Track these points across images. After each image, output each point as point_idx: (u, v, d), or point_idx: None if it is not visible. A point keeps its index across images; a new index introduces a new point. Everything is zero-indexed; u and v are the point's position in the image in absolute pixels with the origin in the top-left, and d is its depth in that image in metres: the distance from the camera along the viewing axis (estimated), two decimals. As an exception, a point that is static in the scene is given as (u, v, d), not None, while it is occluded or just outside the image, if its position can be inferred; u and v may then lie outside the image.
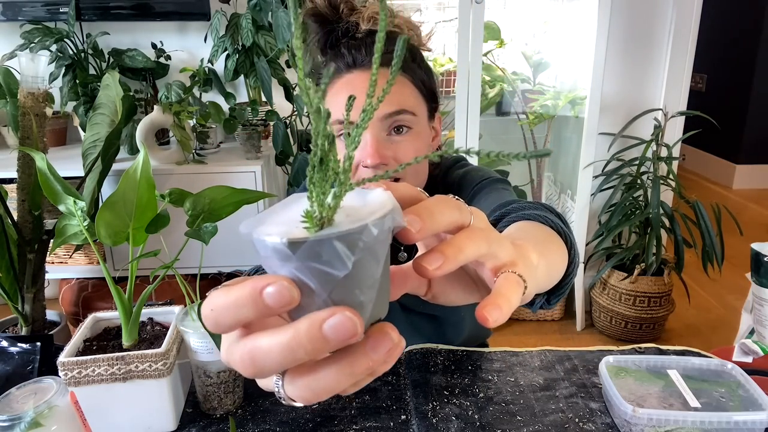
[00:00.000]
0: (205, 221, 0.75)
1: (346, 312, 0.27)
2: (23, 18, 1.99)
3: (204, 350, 0.73)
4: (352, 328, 0.27)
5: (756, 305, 1.05)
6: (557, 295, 0.60)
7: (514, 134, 2.43)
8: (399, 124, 0.77)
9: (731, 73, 3.96)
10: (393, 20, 0.80)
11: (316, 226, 0.29)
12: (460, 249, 0.33)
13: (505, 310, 0.33)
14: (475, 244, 0.34)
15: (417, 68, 0.80)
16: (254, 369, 0.29)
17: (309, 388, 0.30)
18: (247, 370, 0.29)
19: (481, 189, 0.85)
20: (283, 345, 0.28)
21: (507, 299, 0.33)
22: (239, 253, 1.90)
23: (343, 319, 0.27)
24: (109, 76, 1.57)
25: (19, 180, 1.43)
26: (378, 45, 0.31)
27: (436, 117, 0.87)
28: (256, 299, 0.28)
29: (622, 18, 2.18)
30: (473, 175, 0.89)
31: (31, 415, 0.61)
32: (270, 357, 0.28)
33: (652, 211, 2.08)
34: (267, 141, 2.06)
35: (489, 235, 0.36)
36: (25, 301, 1.46)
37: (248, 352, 0.29)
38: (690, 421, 0.67)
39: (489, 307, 0.32)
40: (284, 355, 0.28)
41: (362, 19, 0.77)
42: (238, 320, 0.29)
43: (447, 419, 0.75)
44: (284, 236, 0.28)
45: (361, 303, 0.29)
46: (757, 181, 3.93)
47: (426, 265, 0.32)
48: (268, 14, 1.85)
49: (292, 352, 0.27)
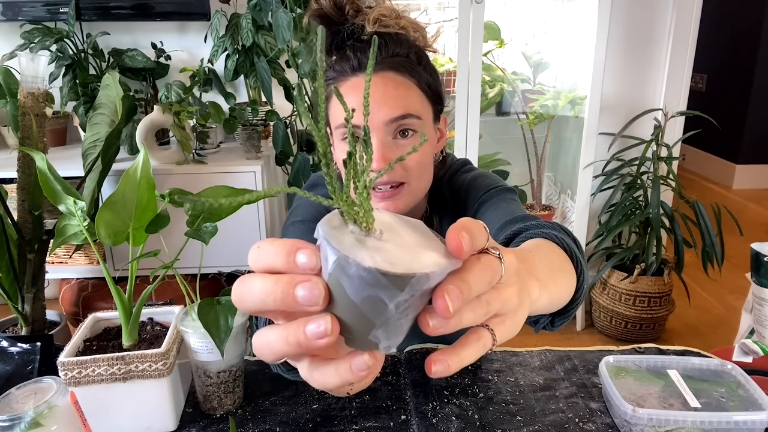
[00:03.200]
0: (205, 221, 0.75)
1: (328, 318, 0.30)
2: (23, 18, 1.99)
3: (204, 350, 0.73)
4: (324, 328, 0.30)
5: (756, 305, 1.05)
6: (562, 318, 0.61)
7: (514, 134, 2.42)
8: (405, 128, 0.77)
9: (731, 73, 3.95)
10: (399, 22, 0.79)
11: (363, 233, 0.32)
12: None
13: (452, 368, 0.34)
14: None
15: (423, 71, 0.79)
16: (240, 304, 0.33)
17: (311, 372, 0.34)
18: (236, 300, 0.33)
19: (490, 198, 0.85)
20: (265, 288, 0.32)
21: (460, 358, 0.34)
22: (239, 253, 1.90)
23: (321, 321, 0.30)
24: (109, 76, 1.57)
25: (19, 180, 1.43)
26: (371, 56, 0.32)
27: (441, 119, 0.86)
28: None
29: (622, 18, 2.18)
30: (480, 182, 0.89)
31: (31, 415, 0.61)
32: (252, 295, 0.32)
33: (652, 211, 2.08)
34: (267, 141, 2.06)
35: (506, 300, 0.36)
36: (25, 301, 1.46)
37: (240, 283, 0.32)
38: (690, 421, 0.67)
39: (438, 361, 0.33)
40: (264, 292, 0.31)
41: (368, 21, 0.77)
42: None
43: (447, 419, 0.75)
44: (378, 264, 0.29)
45: (373, 325, 0.31)
46: (757, 181, 3.93)
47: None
48: (268, 14, 1.85)
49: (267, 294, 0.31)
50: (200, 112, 1.91)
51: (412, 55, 0.79)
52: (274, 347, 0.32)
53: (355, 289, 0.29)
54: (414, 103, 0.77)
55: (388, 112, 0.75)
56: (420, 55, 0.81)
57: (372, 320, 0.30)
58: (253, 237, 1.90)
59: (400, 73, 0.77)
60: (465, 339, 0.35)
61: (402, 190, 0.79)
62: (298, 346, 0.31)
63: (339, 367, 0.32)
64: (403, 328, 0.31)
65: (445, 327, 0.32)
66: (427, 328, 0.32)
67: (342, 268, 0.29)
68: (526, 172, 2.47)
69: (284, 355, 0.33)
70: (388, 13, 0.78)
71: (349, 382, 0.32)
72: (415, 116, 0.77)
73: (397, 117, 0.76)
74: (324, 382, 0.33)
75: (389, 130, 0.76)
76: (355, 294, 0.29)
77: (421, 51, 0.82)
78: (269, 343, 0.33)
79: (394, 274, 0.28)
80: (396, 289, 0.28)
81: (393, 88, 0.76)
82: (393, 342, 0.32)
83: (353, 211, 0.32)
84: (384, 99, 0.75)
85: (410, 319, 0.32)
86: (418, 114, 0.77)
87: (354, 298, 0.29)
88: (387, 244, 0.31)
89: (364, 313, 0.30)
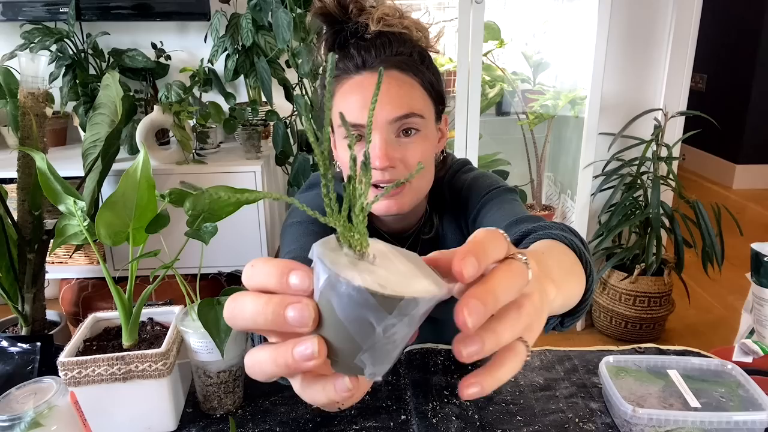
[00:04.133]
0: (205, 221, 0.75)
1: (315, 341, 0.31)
2: (23, 18, 1.99)
3: (204, 350, 0.73)
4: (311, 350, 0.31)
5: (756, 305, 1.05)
6: (572, 318, 0.61)
7: (514, 134, 2.42)
8: (407, 127, 0.77)
9: (731, 73, 3.95)
10: (402, 21, 0.79)
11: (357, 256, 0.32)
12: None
13: (487, 390, 0.33)
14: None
15: (425, 71, 0.80)
16: (232, 322, 0.33)
17: (303, 389, 0.35)
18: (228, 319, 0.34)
19: (491, 198, 0.85)
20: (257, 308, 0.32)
21: (496, 379, 0.33)
22: (239, 253, 1.90)
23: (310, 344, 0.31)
24: (109, 76, 1.57)
25: (19, 180, 1.43)
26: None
27: (442, 119, 0.87)
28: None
29: (622, 18, 2.18)
30: (482, 182, 0.89)
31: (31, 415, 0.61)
32: (245, 312, 0.33)
33: (652, 211, 2.08)
34: (267, 141, 2.06)
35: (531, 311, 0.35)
36: (25, 301, 1.46)
37: (232, 301, 0.33)
38: (690, 421, 0.67)
39: (471, 385, 0.32)
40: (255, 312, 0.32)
41: (371, 20, 0.77)
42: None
43: (447, 419, 0.75)
44: (368, 284, 0.29)
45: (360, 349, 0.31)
46: (757, 181, 3.93)
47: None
48: (268, 14, 1.85)
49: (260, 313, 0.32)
50: (200, 112, 1.91)
51: (415, 55, 0.79)
52: (264, 368, 0.33)
53: (344, 309, 0.29)
54: (417, 102, 0.78)
55: (392, 110, 0.75)
56: (423, 55, 0.81)
57: (359, 343, 0.30)
58: (253, 237, 1.90)
59: (404, 72, 0.77)
60: (500, 357, 0.33)
61: (404, 189, 0.80)
62: (286, 367, 0.32)
63: (325, 386, 0.33)
64: (390, 355, 0.31)
65: (481, 352, 0.30)
66: (461, 357, 0.31)
67: (332, 286, 0.29)
68: (526, 172, 2.46)
69: (275, 375, 0.33)
70: (392, 13, 0.78)
71: (334, 401, 0.33)
72: (418, 115, 0.77)
73: (400, 116, 0.76)
74: (313, 398, 0.34)
75: (392, 128, 0.77)
76: (343, 314, 0.29)
77: (424, 51, 0.82)
78: (260, 363, 0.33)
79: (383, 295, 0.28)
80: (384, 311, 0.28)
81: (396, 86, 0.76)
82: (379, 369, 0.31)
83: (348, 234, 0.32)
84: (387, 97, 0.75)
85: (398, 348, 0.31)
86: (421, 113, 0.78)
87: (343, 319, 0.30)
88: (379, 269, 0.31)
89: (351, 335, 0.30)
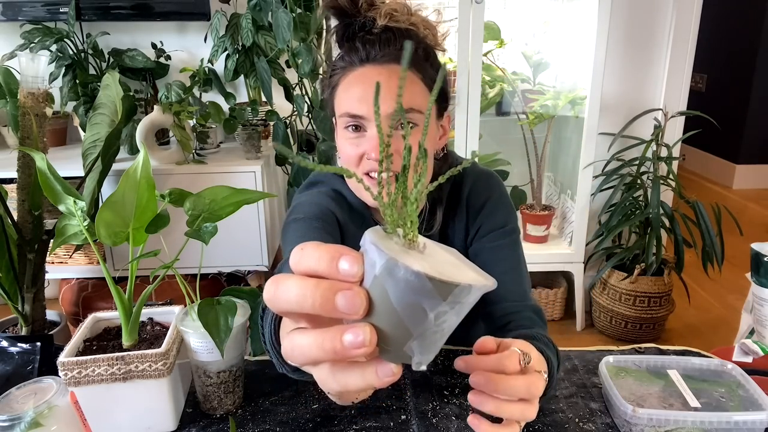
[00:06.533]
0: (205, 221, 0.75)
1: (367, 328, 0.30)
2: (23, 18, 1.99)
3: (204, 350, 0.73)
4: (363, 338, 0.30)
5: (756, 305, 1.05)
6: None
7: (514, 134, 2.42)
8: (407, 121, 0.78)
9: (731, 73, 3.95)
10: (410, 18, 0.80)
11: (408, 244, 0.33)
12: None
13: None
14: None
15: (429, 67, 0.80)
16: (273, 303, 0.33)
17: (333, 373, 0.34)
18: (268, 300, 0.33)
19: (502, 237, 0.89)
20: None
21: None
22: (239, 253, 1.90)
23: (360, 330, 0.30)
24: (109, 76, 1.57)
25: (19, 180, 1.43)
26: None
27: (445, 116, 0.87)
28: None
29: (622, 18, 2.18)
30: (502, 209, 0.92)
31: (31, 415, 0.61)
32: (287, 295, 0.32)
33: (652, 211, 2.08)
34: (267, 141, 2.06)
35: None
36: (25, 301, 1.46)
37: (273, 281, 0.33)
38: (690, 421, 0.67)
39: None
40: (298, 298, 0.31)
41: (380, 15, 0.78)
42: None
43: (447, 419, 0.75)
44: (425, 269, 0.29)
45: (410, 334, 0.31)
46: (757, 181, 3.93)
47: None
48: (268, 14, 1.85)
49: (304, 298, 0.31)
50: (200, 112, 1.91)
51: (420, 51, 0.80)
52: (306, 352, 0.32)
53: (400, 294, 0.29)
54: (417, 98, 0.78)
55: (392, 104, 0.76)
56: (428, 52, 0.81)
57: (410, 330, 0.30)
58: (253, 237, 1.90)
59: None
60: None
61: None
62: (333, 353, 0.31)
63: (365, 372, 0.32)
64: (437, 345, 0.32)
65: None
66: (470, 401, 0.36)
67: (389, 271, 0.29)
68: (526, 172, 2.46)
69: (317, 360, 0.32)
70: (400, 9, 0.79)
71: (373, 386, 0.33)
72: (417, 111, 0.78)
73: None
74: (347, 383, 0.33)
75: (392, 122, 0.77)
76: (398, 299, 0.29)
77: (429, 48, 0.82)
78: (302, 347, 0.32)
79: (441, 281, 0.28)
80: (439, 297, 0.29)
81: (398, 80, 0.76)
82: (425, 358, 0.32)
83: (401, 222, 0.33)
84: (389, 91, 0.75)
85: (444, 337, 0.32)
86: (421, 109, 0.78)
87: (396, 305, 0.30)
88: (429, 257, 0.32)
89: (403, 322, 0.30)
